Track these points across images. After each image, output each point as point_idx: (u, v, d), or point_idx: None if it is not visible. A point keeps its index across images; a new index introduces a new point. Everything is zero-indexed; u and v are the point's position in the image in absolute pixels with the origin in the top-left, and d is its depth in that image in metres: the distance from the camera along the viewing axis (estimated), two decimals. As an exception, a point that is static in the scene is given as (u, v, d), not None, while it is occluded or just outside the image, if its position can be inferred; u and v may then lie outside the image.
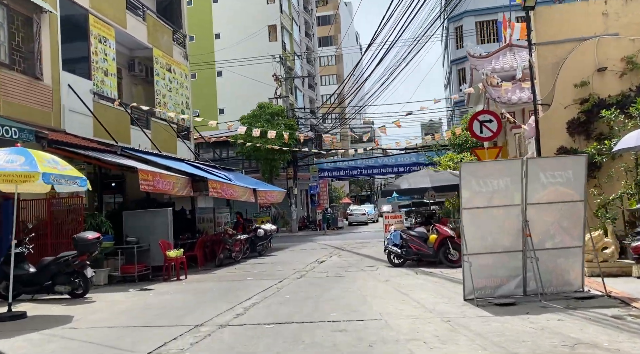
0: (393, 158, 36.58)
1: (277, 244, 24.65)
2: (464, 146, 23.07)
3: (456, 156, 19.07)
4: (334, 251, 19.15)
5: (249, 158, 34.27)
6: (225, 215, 23.22)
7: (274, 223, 36.38)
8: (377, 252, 17.90)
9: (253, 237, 18.55)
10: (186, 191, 15.07)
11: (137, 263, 13.27)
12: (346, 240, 26.19)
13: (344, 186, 55.84)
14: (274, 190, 22.40)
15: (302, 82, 48.56)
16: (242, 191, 18.01)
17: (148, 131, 20.14)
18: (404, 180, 13.73)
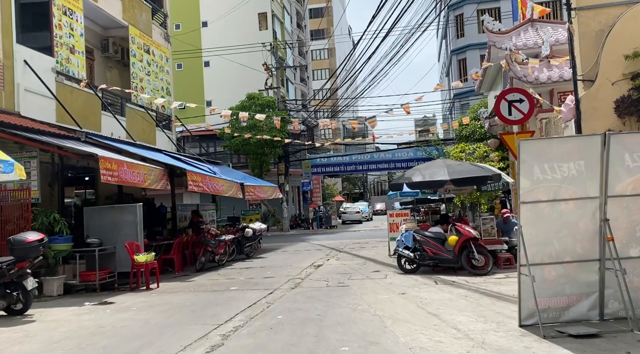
0: (390, 154, 34.49)
1: (268, 244, 22.43)
2: (471, 137, 20.96)
3: (468, 146, 16.96)
4: (331, 253, 16.98)
5: (237, 152, 31.97)
6: (211, 212, 21.01)
7: (264, 221, 34.20)
8: (379, 254, 15.77)
9: (240, 238, 16.32)
10: (161, 185, 12.79)
11: (99, 269, 11.01)
12: (342, 239, 24.04)
13: (337, 183, 53.67)
14: (264, 185, 20.17)
15: (294, 75, 46.31)
16: (227, 186, 15.77)
17: (122, 118, 17.84)
18: (417, 172, 11.56)
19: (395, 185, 12.01)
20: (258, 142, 29.76)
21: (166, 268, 14.08)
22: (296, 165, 35.65)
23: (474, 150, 16.21)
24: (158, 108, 20.36)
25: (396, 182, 12.04)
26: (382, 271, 11.79)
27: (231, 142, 30.79)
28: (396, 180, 12.29)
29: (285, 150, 32.82)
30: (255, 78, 35.58)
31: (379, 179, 72.09)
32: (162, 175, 12.82)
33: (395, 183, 12.05)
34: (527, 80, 12.18)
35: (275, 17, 40.16)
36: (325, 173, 36.46)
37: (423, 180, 11.27)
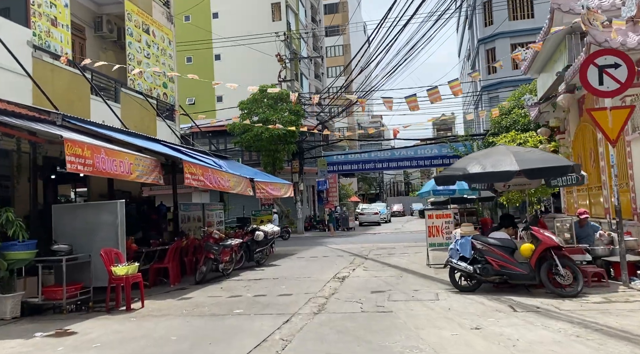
0: (411, 151, 31.73)
1: (281, 248, 19.84)
2: (512, 128, 18.14)
3: (520, 135, 14.22)
4: (355, 261, 14.34)
5: (248, 149, 29.43)
6: (218, 213, 18.50)
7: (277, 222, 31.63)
8: (413, 262, 13.09)
9: (249, 242, 13.73)
10: (153, 178, 10.23)
11: (70, 282, 8.51)
12: (363, 243, 21.38)
13: (352, 183, 51.01)
14: (277, 182, 17.58)
15: (309, 70, 43.77)
16: (235, 182, 13.19)
17: (116, 105, 15.39)
18: (473, 162, 8.86)
19: (444, 178, 9.33)
20: (270, 137, 27.22)
21: (160, 279, 11.54)
22: (311, 162, 33.04)
23: (526, 140, 13.50)
24: (159, 95, 17.87)
25: (446, 175, 9.34)
26: (428, 288, 9.10)
27: (242, 137, 28.28)
28: (446, 172, 9.59)
29: (300, 146, 30.26)
30: (269, 72, 33.10)
31: (394, 179, 69.26)
32: (154, 166, 10.26)
33: (444, 176, 9.36)
34: (610, 45, 9.46)
35: (290, 8, 37.66)
36: (341, 172, 33.81)
37: (483, 171, 8.58)
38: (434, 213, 12.42)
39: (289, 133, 27.32)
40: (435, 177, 9.74)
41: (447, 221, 12.25)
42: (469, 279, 8.43)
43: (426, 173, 68.35)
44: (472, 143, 29.61)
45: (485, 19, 31.25)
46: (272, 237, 14.66)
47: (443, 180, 9.46)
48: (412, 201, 60.21)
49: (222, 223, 18.66)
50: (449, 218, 12.26)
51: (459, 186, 16.38)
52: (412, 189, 70.62)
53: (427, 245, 12.31)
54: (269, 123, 27.92)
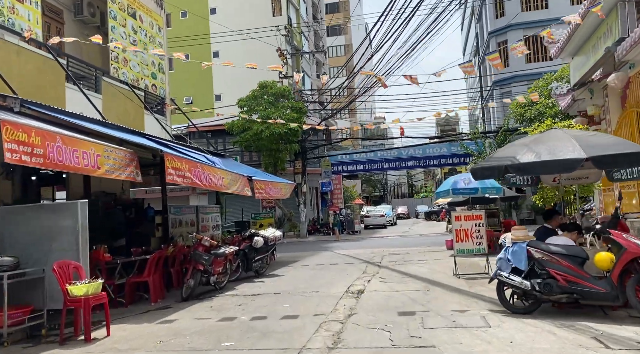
0: (419, 149, 29.84)
1: (284, 254, 17.93)
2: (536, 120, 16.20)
3: (558, 123, 12.30)
4: (368, 269, 12.41)
5: (248, 149, 27.53)
6: (214, 216, 16.64)
7: (279, 226, 29.72)
8: (436, 272, 11.17)
9: (247, 249, 11.80)
10: (128, 174, 8.34)
11: (13, 305, 6.61)
12: (372, 248, 19.45)
13: (356, 185, 49.07)
14: (279, 182, 15.67)
15: (310, 68, 41.93)
16: (230, 180, 11.29)
17: (97, 95, 13.54)
18: (523, 149, 6.92)
19: (485, 170, 7.37)
20: (271, 136, 25.33)
21: (140, 295, 9.63)
22: (314, 163, 31.15)
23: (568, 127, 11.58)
24: (148, 87, 15.99)
25: (488, 167, 7.38)
26: (469, 307, 7.17)
27: (241, 136, 26.39)
28: (487, 163, 7.64)
29: (303, 146, 28.36)
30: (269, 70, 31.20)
31: (398, 181, 67.30)
32: (130, 160, 8.36)
33: (485, 168, 7.40)
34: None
35: (290, 3, 35.84)
36: (346, 172, 31.92)
37: (538, 159, 6.65)
38: (462, 213, 10.49)
39: (290, 132, 25.44)
40: (473, 169, 7.81)
41: (478, 224, 10.32)
42: (525, 297, 6.51)
43: (430, 174, 66.40)
44: (484, 141, 27.74)
45: (496, 11, 29.40)
46: (273, 243, 12.73)
47: (483, 172, 7.53)
48: (417, 204, 58.27)
49: (219, 227, 16.78)
50: (480, 220, 10.33)
51: (481, 184, 14.46)
52: (416, 191, 68.71)
53: (454, 251, 10.37)
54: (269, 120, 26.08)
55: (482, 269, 10.78)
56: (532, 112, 16.88)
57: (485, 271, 10.28)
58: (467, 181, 14.70)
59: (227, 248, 10.42)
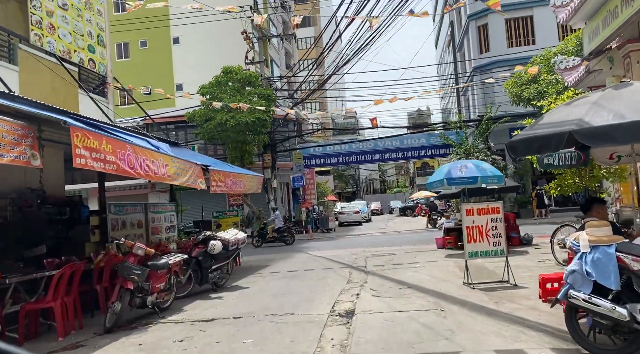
0: (397, 140, 27.64)
1: (251, 257, 15.41)
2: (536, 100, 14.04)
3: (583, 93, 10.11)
4: (353, 277, 9.97)
5: (211, 141, 24.73)
6: (169, 215, 14.01)
7: (247, 225, 27.05)
8: (439, 279, 8.83)
9: (201, 256, 9.18)
10: (15, 156, 5.70)
11: None
12: (350, 248, 17.07)
13: (328, 181, 46.69)
14: (243, 174, 13.09)
15: (279, 59, 39.26)
16: (177, 168, 8.67)
17: (12, 67, 10.72)
18: (592, 109, 4.64)
19: (534, 141, 4.97)
20: (237, 126, 22.63)
21: (49, 324, 6.93)
22: (285, 156, 28.56)
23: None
24: (83, 62, 13.14)
25: (538, 136, 4.98)
26: (519, 344, 4.78)
27: (204, 127, 23.60)
28: (537, 130, 5.21)
29: (272, 137, 25.74)
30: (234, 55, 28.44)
31: (370, 177, 65.27)
32: (21, 136, 5.73)
33: (534, 138, 5.00)
34: None
35: (257, -13, 33.05)
36: (319, 166, 29.49)
37: (622, 121, 4.33)
38: (474, 206, 8.12)
39: (258, 122, 22.81)
40: (512, 143, 5.45)
41: (495, 219, 8.00)
42: (615, 331, 4.16)
43: (403, 169, 64.61)
44: (465, 131, 25.74)
45: (476, -8, 27.37)
46: (235, 247, 10.13)
47: (530, 145, 5.14)
48: (390, 199, 56.33)
49: (174, 228, 14.13)
50: (497, 214, 8.00)
51: (481, 173, 12.21)
52: (388, 186, 66.83)
53: (465, 254, 8.01)
54: (234, 109, 23.37)
55: (496, 275, 8.51)
56: (531, 91, 14.75)
57: (504, 278, 7.99)
58: (463, 169, 12.44)
59: (171, 257, 7.81)
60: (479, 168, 12.38)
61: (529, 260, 10.48)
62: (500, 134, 26.22)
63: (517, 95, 15.23)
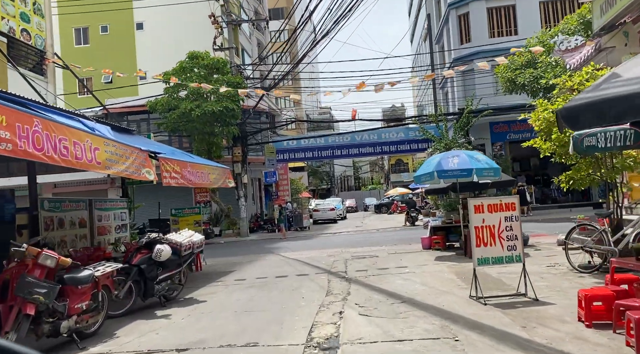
0: (375, 134, 26.10)
1: (217, 259, 13.61)
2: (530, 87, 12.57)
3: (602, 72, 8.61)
4: (332, 286, 8.27)
5: (175, 132, 22.67)
6: (119, 213, 12.07)
7: (215, 223, 25.10)
8: (438, 290, 7.21)
9: (144, 264, 7.31)
10: None
11: None
12: (326, 248, 15.41)
13: (302, 177, 44.93)
14: (205, 164, 11.22)
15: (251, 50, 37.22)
16: (111, 154, 6.80)
17: None
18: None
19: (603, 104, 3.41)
20: (203, 116, 20.67)
21: None
22: (256, 150, 26.66)
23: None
24: (13, 32, 11.05)
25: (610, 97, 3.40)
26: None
27: (167, 116, 21.55)
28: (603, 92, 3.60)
29: (243, 129, 23.82)
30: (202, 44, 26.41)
31: (344, 174, 63.76)
32: None
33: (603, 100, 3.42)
34: None
35: (227, -29, 30.96)
36: (293, 161, 27.71)
37: None
38: (484, 201, 6.49)
39: (227, 111, 20.90)
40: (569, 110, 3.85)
41: (510, 217, 6.40)
42: None
43: (377, 166, 63.29)
44: (445, 124, 24.35)
45: (457, -20, 26.04)
46: (190, 252, 8.27)
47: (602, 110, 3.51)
48: (365, 196, 54.94)
49: (126, 227, 12.16)
50: (513, 211, 6.40)
51: (475, 164, 10.67)
52: (363, 183, 65.47)
53: (474, 261, 6.37)
54: (200, 97, 21.41)
55: (503, 284, 6.95)
56: (526, 76, 13.29)
57: (521, 291, 6.41)
58: (455, 160, 10.89)
59: (99, 267, 5.95)
60: (472, 159, 10.85)
61: (535, 264, 8.96)
62: (481, 128, 24.97)
63: (510, 81, 13.78)
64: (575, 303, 5.77)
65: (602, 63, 10.47)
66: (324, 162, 52.37)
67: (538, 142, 8.60)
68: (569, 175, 8.60)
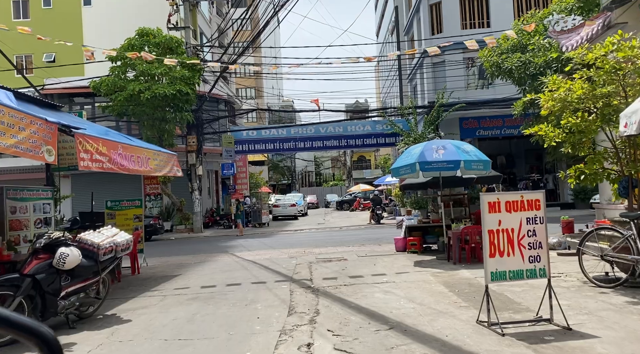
0: (340, 126, 24.47)
1: (161, 260, 11.71)
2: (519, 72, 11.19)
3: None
4: (296, 300, 6.54)
5: (121, 117, 20.30)
6: (42, 204, 9.99)
7: (166, 218, 22.90)
8: (428, 308, 5.56)
9: (42, 274, 5.34)
10: None
11: None
12: (286, 247, 13.74)
13: (262, 172, 42.90)
14: (144, 148, 9.22)
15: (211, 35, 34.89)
16: (5, 124, 4.82)
17: None
18: None
19: None
20: (153, 99, 18.50)
21: None
22: (214, 140, 24.57)
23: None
24: None
25: None
26: None
27: (113, 99, 19.22)
28: None
29: (198, 117, 21.71)
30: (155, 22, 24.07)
31: (305, 170, 61.95)
32: None
33: None
34: None
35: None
36: (253, 152, 25.70)
37: None
38: (501, 197, 4.89)
39: (180, 95, 18.77)
40: None
41: (534, 219, 4.83)
42: None
43: (339, 162, 61.82)
44: (415, 117, 23.01)
45: (430, -33, 24.69)
46: (111, 256, 6.31)
47: None
48: (326, 192, 53.41)
49: (50, 221, 10.08)
50: (537, 211, 4.84)
51: (464, 156, 9.17)
52: (324, 179, 63.90)
53: (486, 276, 4.76)
54: (151, 78, 19.19)
55: (511, 302, 5.45)
56: (514, 60, 11.89)
57: (543, 315, 4.88)
58: (440, 150, 9.35)
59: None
60: (460, 150, 9.34)
61: (535, 273, 7.49)
62: (451, 124, 23.78)
63: (495, 66, 12.40)
64: (624, 335, 4.27)
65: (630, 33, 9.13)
66: (285, 156, 50.49)
67: (543, 129, 7.12)
68: (579, 169, 7.17)
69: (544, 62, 11.30)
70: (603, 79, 6.31)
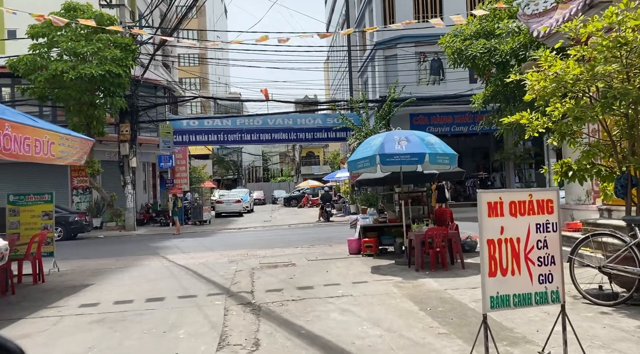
0: (290, 119, 23.00)
1: (78, 264, 9.91)
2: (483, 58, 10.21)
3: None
4: (230, 327, 5.08)
5: (44, 100, 17.85)
6: None
7: (95, 214, 20.65)
8: (411, 343, 4.22)
9: None
10: None
11: None
12: (226, 249, 12.25)
13: (206, 166, 40.76)
14: (48, 130, 7.40)
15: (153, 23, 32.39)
16: None
17: None
18: None
19: None
20: (79, 80, 16.31)
21: None
22: (151, 130, 22.45)
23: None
24: None
25: None
26: None
27: (33, 80, 16.84)
28: None
29: (133, 103, 19.59)
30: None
31: (252, 165, 59.98)
32: None
33: None
34: None
35: None
36: (195, 143, 23.71)
37: None
38: (504, 196, 3.66)
39: (110, 77, 16.66)
40: None
41: (544, 226, 3.63)
42: None
43: (288, 157, 60.29)
44: (367, 111, 21.97)
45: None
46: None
47: None
48: (274, 188, 51.81)
49: None
50: (550, 215, 3.65)
51: (430, 149, 8.00)
52: (272, 175, 62.17)
53: (483, 303, 3.51)
54: (79, 59, 16.97)
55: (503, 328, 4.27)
56: (478, 47, 10.88)
57: (548, 350, 3.69)
58: (403, 142, 8.14)
59: None
60: (424, 142, 8.17)
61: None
62: (402, 119, 22.91)
63: (457, 52, 11.38)
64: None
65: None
66: (231, 149, 48.42)
67: (526, 116, 6.02)
68: (567, 164, 6.13)
69: (510, 50, 10.39)
70: (604, 56, 5.24)
